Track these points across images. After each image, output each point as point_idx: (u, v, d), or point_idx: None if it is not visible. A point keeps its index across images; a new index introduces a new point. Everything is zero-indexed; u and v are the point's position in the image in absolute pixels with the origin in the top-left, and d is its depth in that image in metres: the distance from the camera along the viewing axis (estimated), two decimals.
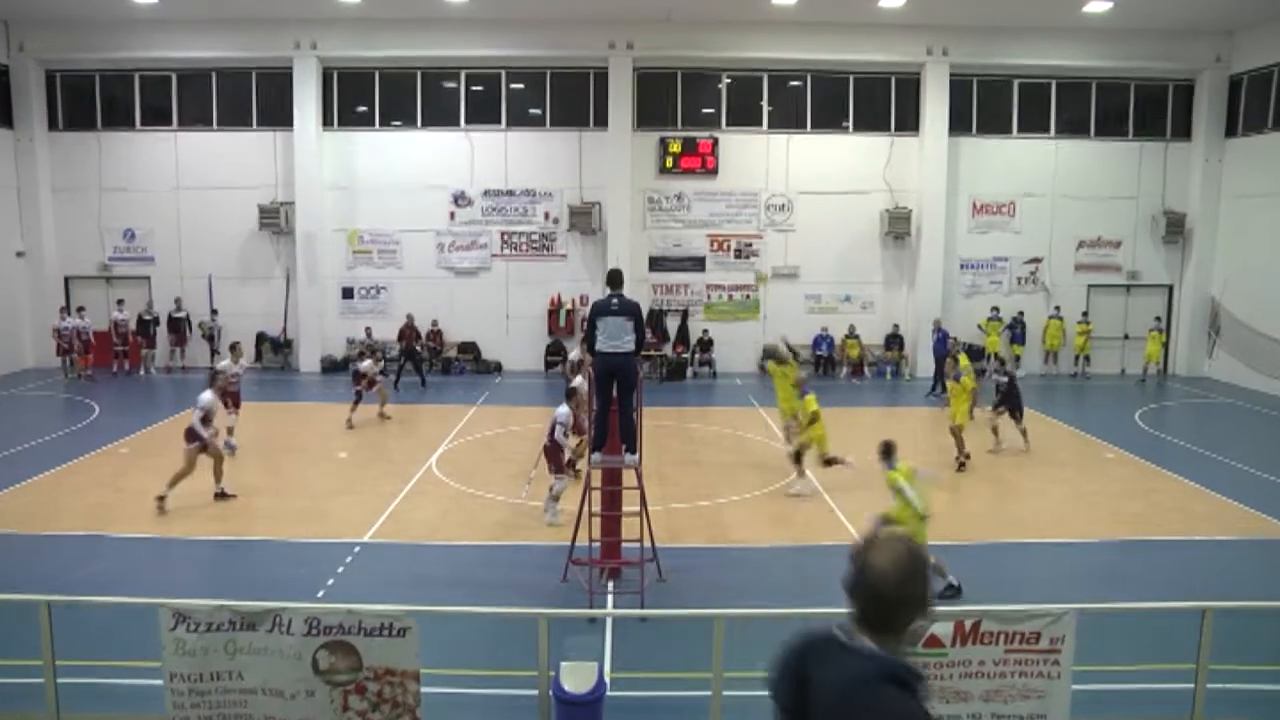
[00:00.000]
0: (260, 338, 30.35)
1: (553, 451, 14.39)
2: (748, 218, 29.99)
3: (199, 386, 16.85)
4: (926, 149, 29.43)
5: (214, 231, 29.69)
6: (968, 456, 18.27)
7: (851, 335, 30.04)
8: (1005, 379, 19.99)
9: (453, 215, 29.98)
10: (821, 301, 30.57)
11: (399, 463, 17.64)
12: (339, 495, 15.68)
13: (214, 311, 29.16)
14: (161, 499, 14.95)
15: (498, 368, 29.91)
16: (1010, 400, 19.82)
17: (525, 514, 14.62)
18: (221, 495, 15.59)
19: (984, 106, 29.63)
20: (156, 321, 29.61)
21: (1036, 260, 30.38)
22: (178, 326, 29.62)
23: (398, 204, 29.75)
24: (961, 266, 30.23)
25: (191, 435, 15.11)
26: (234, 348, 19.29)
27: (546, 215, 29.75)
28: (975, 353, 27.48)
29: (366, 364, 21.92)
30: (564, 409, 14.45)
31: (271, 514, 14.87)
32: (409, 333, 28.13)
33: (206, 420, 15.28)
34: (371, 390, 21.92)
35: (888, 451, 11.77)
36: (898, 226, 29.86)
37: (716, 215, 29.74)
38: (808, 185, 29.58)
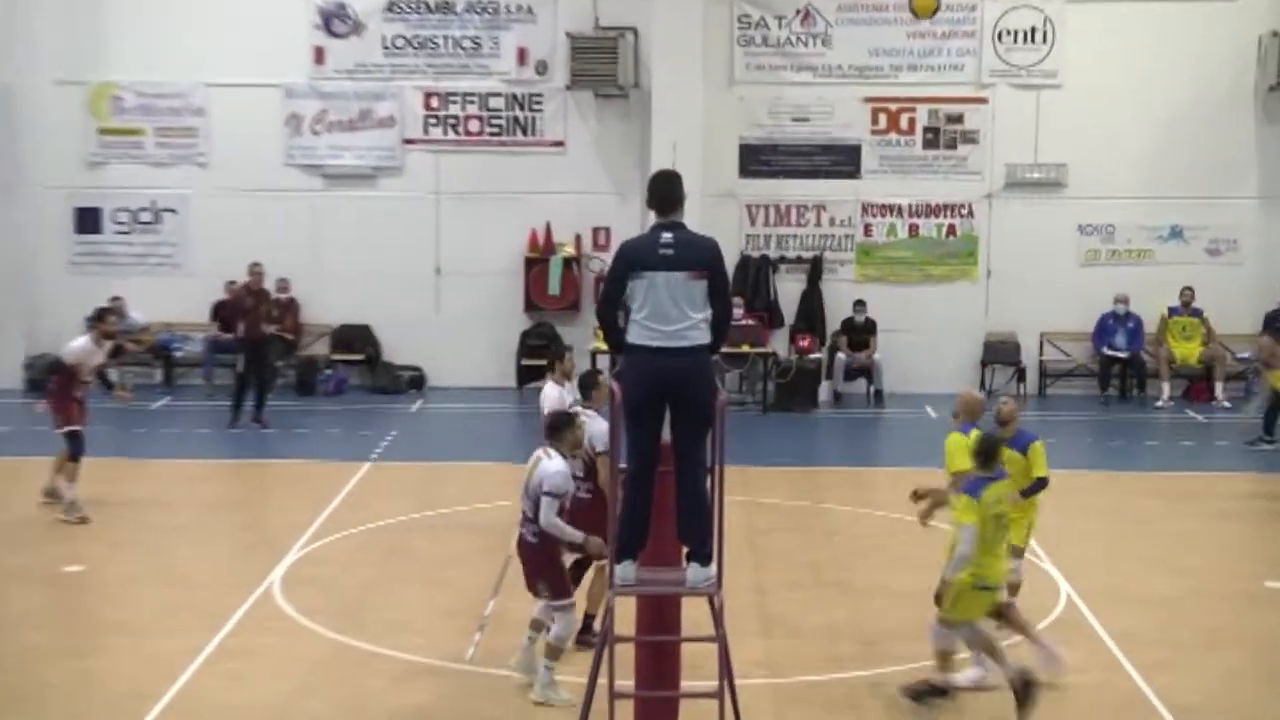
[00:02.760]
0: None
1: (539, 557, 10.70)
2: (955, 59, 23.36)
3: None
4: None
5: None
6: None
7: (1184, 311, 22.74)
8: None
9: (320, 54, 23.78)
10: (1117, 241, 23.03)
11: (201, 584, 13.51)
12: (65, 657, 11.89)
13: None
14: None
15: (416, 381, 23.75)
16: None
17: (479, 693, 10.91)
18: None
19: None
20: None
21: None
22: None
23: (200, 27, 23.55)
24: None
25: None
26: None
27: (521, 55, 23.76)
28: None
29: (79, 345, 16.59)
30: (555, 464, 10.53)
31: None
32: (249, 306, 21.29)
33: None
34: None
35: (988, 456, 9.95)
36: None
37: (887, 51, 23.50)
38: None
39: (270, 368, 21.80)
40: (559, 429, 10.73)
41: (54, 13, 24.00)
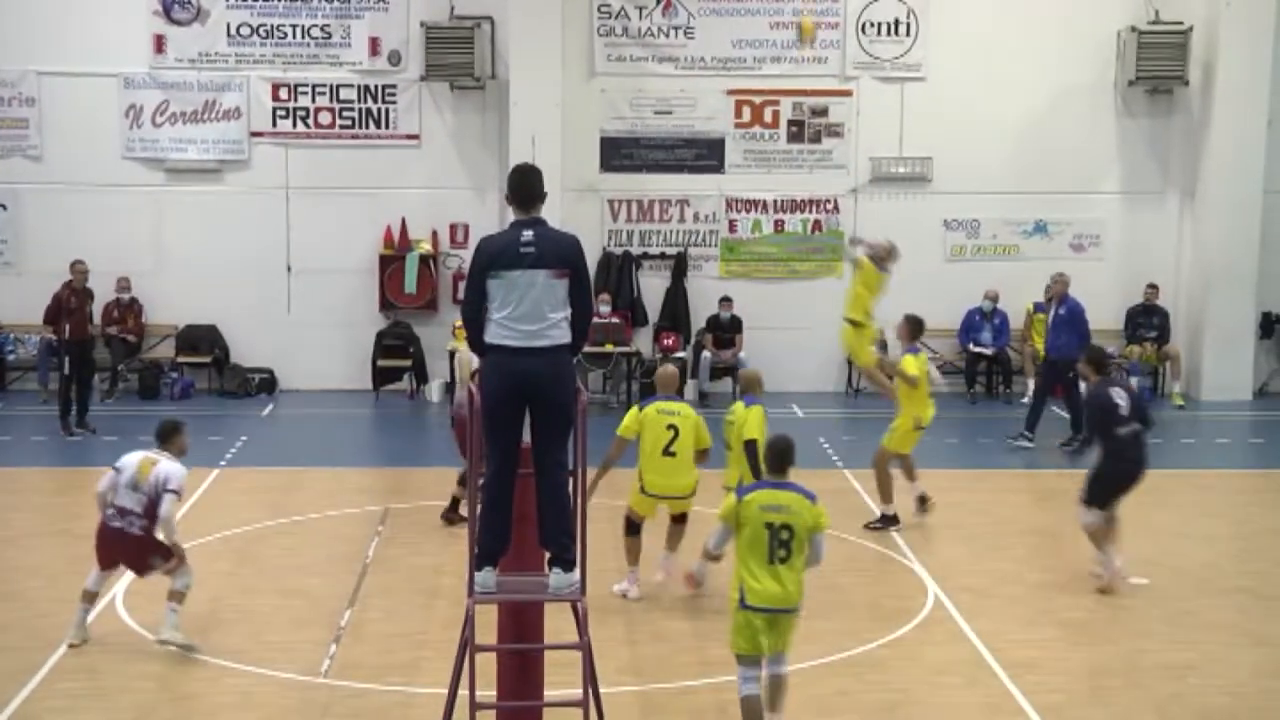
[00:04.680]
0: None
1: (147, 543, 11.74)
2: (819, 50, 23.51)
3: None
4: None
5: None
6: None
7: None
8: None
9: (160, 42, 23.23)
10: (982, 236, 23.48)
11: (37, 598, 13.15)
12: None
13: None
14: None
15: (266, 384, 23.37)
16: None
17: (336, 706, 10.81)
18: None
19: None
20: None
21: None
22: None
23: (31, 12, 23.07)
24: None
25: None
26: None
27: (374, 44, 23.42)
28: None
29: None
30: (176, 465, 11.78)
31: None
32: (73, 306, 20.77)
33: None
34: None
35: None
36: (1158, 63, 22.85)
37: (749, 41, 23.61)
38: None
39: (86, 369, 20.43)
40: (170, 435, 11.81)
41: None
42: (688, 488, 13.10)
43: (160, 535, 11.85)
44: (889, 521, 14.20)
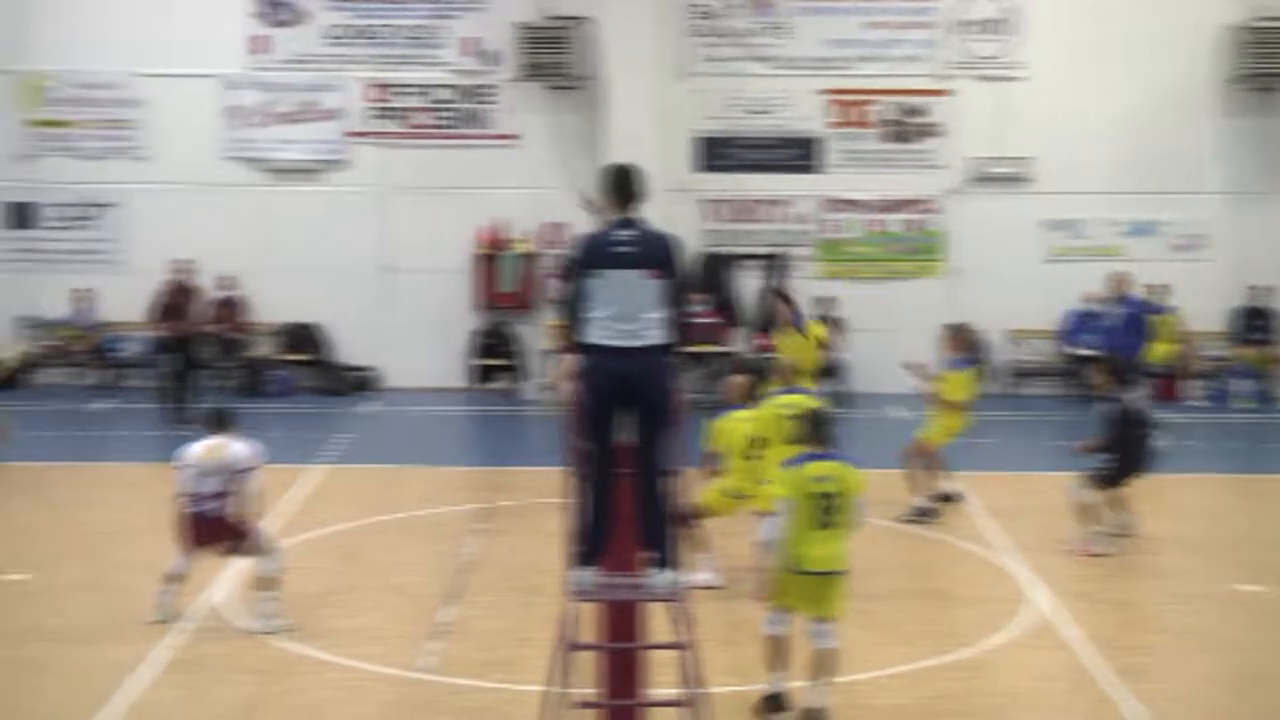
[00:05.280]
0: None
1: (229, 524, 12.18)
2: (915, 48, 23.73)
3: None
4: None
5: None
6: None
7: (1157, 308, 22.84)
8: None
9: (260, 43, 23.80)
10: (1084, 237, 23.42)
11: (147, 591, 12.57)
12: (3, 669, 11.60)
13: None
14: None
15: (365, 382, 23.69)
16: None
17: (434, 702, 10.66)
18: None
19: None
20: None
21: None
22: None
23: (133, 14, 23.34)
24: None
25: None
26: None
27: (469, 46, 23.77)
28: None
29: None
30: (246, 446, 12.32)
31: None
32: (176, 303, 21.30)
33: None
34: None
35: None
36: (1261, 60, 22.61)
37: (846, 42, 23.87)
38: None
39: (191, 366, 21.63)
40: (226, 421, 12.12)
41: None
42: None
43: (240, 513, 12.13)
44: (928, 513, 14.26)
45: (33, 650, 12.29)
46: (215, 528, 12.42)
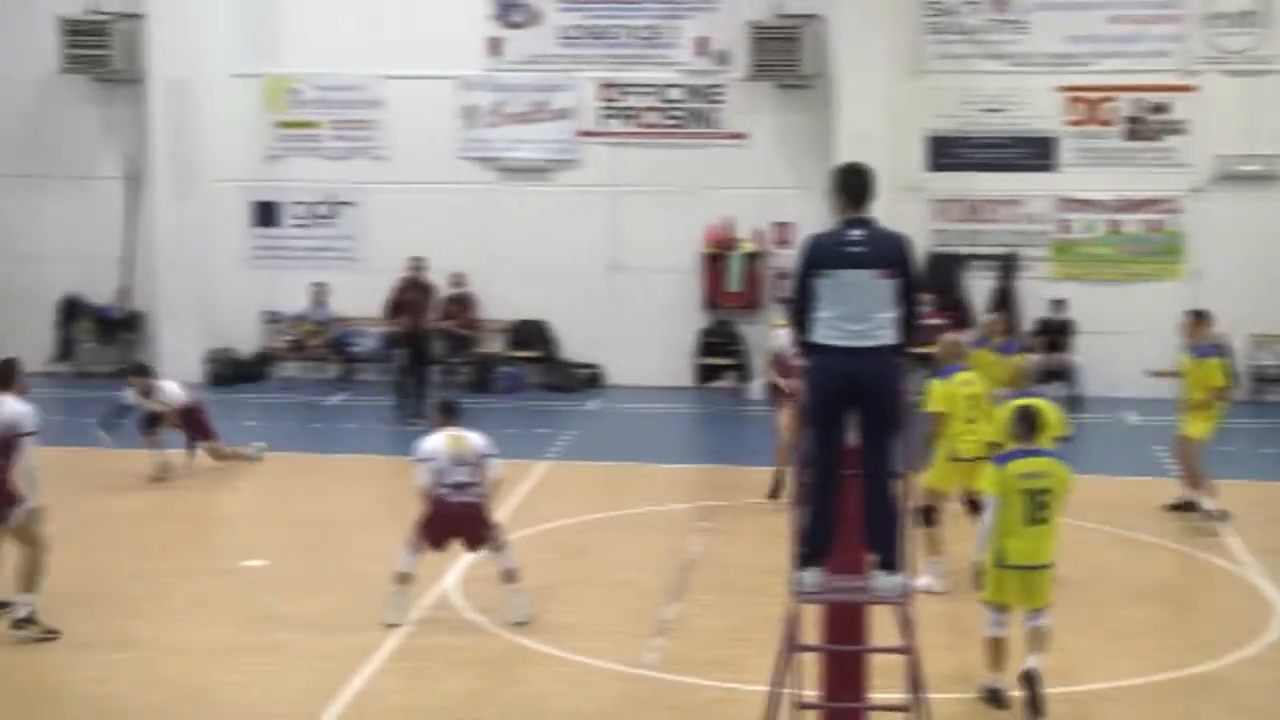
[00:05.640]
0: (72, 309, 24.60)
1: (484, 512, 12.54)
2: (1161, 42, 22.88)
3: None
4: None
5: None
6: None
7: None
8: None
9: (496, 45, 23.97)
10: None
11: (379, 581, 12.86)
12: (241, 653, 11.93)
13: None
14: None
15: (592, 379, 23.94)
16: None
17: (658, 699, 10.85)
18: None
19: None
20: None
21: None
22: None
23: (376, 19, 23.84)
24: None
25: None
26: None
27: (699, 45, 23.63)
28: None
29: (130, 394, 17.52)
30: (481, 437, 12.79)
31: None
32: (410, 300, 21.60)
33: None
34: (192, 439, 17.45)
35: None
36: None
37: (1086, 38, 23.16)
38: None
39: (425, 362, 22.04)
40: (453, 411, 12.49)
41: (229, 6, 24.32)
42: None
43: (488, 502, 12.56)
44: (1214, 515, 14.00)
45: (274, 636, 12.56)
46: (469, 518, 12.56)
